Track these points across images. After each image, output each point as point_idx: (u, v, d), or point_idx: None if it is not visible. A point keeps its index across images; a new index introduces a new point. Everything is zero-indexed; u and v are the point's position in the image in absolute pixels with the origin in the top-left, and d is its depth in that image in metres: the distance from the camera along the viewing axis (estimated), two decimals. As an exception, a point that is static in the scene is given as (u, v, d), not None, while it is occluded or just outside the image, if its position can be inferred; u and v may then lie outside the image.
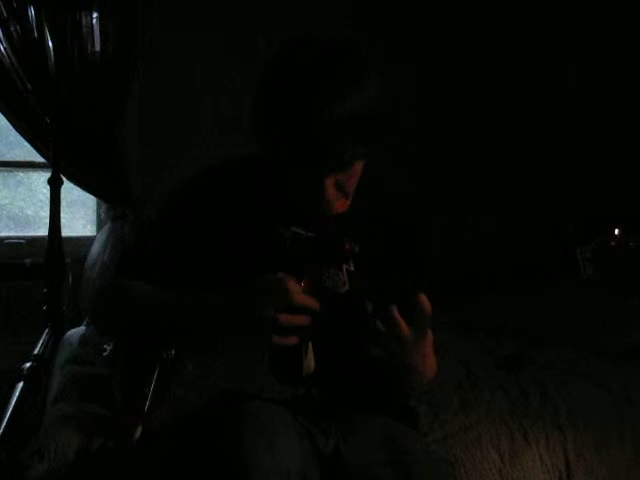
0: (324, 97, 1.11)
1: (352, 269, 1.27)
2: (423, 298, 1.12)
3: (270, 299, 1.12)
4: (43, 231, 2.70)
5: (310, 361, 1.21)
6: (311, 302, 1.13)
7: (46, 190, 2.69)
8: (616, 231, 1.11)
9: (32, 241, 2.95)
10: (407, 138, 3.03)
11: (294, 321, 1.12)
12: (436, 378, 1.28)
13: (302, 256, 1.26)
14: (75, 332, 2.26)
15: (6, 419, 1.61)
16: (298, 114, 1.12)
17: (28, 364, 2.01)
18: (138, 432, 1.19)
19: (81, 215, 3.14)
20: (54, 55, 2.61)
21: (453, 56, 3.10)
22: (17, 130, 2.75)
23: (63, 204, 2.66)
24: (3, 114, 2.75)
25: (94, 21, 2.69)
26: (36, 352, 2.16)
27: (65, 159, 2.66)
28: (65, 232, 2.68)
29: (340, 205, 1.26)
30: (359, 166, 1.22)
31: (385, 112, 1.19)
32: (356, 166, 1.20)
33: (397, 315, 1.12)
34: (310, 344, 1.21)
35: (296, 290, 1.12)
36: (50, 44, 2.61)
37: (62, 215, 2.65)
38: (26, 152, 2.92)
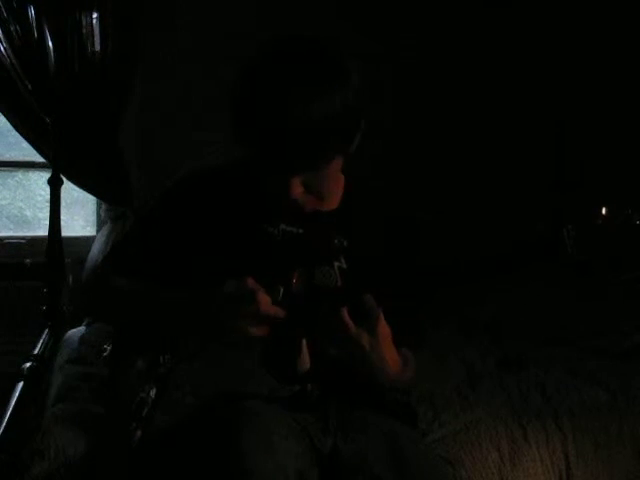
0: (293, 98, 1.11)
1: (343, 265, 1.27)
2: (368, 297, 1.14)
3: (238, 307, 1.12)
4: (43, 231, 2.69)
5: (305, 357, 1.21)
6: (278, 313, 1.14)
7: (45, 191, 2.68)
8: (603, 210, 1.10)
9: (32, 241, 2.95)
10: (406, 133, 3.04)
11: (258, 332, 1.14)
12: (406, 374, 1.29)
13: (292, 254, 1.26)
14: (75, 332, 2.26)
15: (6, 419, 1.61)
16: (266, 114, 1.12)
17: (28, 364, 2.01)
18: (137, 436, 1.19)
19: (81, 215, 3.13)
20: (54, 55, 2.61)
21: (451, 46, 3.09)
22: (17, 130, 2.75)
23: (63, 204, 2.66)
24: (3, 114, 2.75)
25: (94, 21, 2.68)
26: (36, 352, 2.16)
27: (65, 159, 2.66)
28: (65, 232, 2.68)
29: (310, 203, 1.24)
30: (331, 168, 1.20)
31: (357, 116, 1.18)
32: (327, 167, 1.19)
33: (346, 316, 1.14)
34: (304, 342, 1.22)
35: (264, 301, 1.12)
36: (50, 44, 2.61)
37: (62, 215, 2.65)
38: (26, 152, 2.91)
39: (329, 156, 1.17)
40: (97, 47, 2.69)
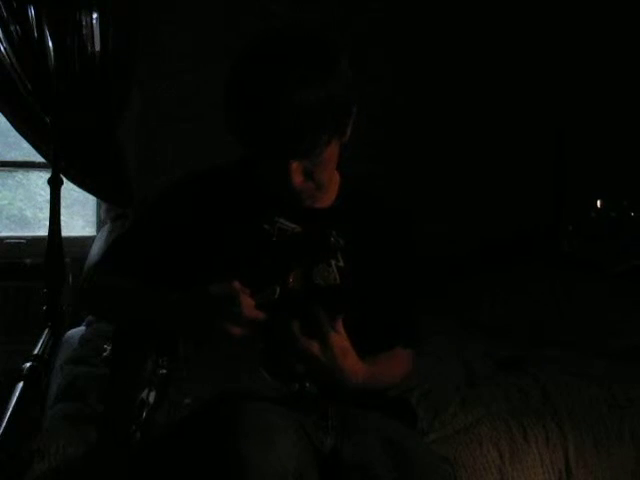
0: (286, 84, 1.12)
1: (341, 264, 1.27)
2: (317, 309, 1.15)
3: (222, 309, 1.14)
4: (43, 231, 2.69)
5: None
6: (259, 316, 1.15)
7: (45, 191, 2.68)
8: (598, 203, 1.10)
9: (32, 241, 2.95)
10: (405, 133, 3.05)
11: (243, 333, 1.15)
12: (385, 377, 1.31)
13: (289, 253, 1.26)
14: (75, 332, 2.26)
15: (6, 419, 1.61)
16: (260, 100, 1.14)
17: (28, 364, 2.01)
18: (137, 438, 1.19)
19: (81, 215, 3.14)
20: (54, 55, 2.61)
21: (451, 50, 3.10)
22: (17, 130, 2.75)
23: (63, 204, 2.66)
24: (3, 114, 2.75)
25: (94, 21, 2.68)
26: (36, 352, 2.15)
27: (65, 159, 2.66)
28: (65, 232, 2.68)
29: (310, 192, 1.25)
30: (327, 154, 1.21)
31: (350, 103, 1.20)
32: (323, 154, 1.20)
33: (295, 328, 1.15)
34: None
35: (247, 304, 1.14)
36: (50, 44, 2.61)
37: (62, 215, 2.64)
38: (25, 152, 2.92)
39: (322, 141, 1.17)
40: (97, 47, 2.69)
